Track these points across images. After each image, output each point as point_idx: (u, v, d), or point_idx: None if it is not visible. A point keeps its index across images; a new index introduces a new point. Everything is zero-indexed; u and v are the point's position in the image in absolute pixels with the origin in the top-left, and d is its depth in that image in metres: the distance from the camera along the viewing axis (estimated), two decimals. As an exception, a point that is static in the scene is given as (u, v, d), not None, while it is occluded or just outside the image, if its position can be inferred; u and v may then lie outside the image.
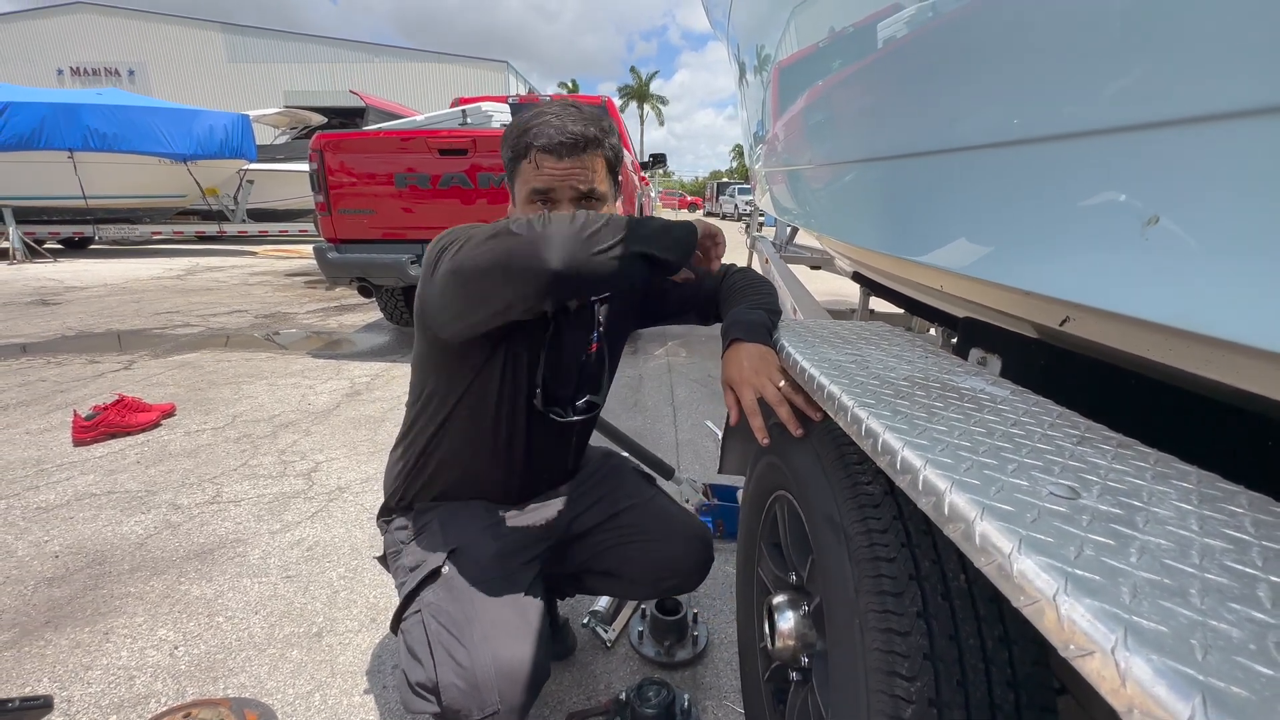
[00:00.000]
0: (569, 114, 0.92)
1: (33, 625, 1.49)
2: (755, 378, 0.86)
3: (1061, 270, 0.63)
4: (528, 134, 0.91)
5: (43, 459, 2.41)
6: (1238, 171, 0.42)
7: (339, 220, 3.64)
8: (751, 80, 2.48)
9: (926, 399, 0.66)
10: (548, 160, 0.90)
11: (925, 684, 0.59)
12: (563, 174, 0.90)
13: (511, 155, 0.94)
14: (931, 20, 0.84)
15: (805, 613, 0.90)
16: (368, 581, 1.68)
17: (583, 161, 0.91)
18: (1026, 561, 0.36)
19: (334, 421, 2.88)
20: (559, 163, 0.90)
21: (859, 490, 0.72)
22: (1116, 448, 0.54)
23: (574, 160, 0.90)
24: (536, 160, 0.90)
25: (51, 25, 30.35)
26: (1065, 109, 0.59)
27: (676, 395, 3.34)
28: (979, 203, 0.78)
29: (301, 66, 30.88)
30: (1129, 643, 0.29)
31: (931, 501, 0.46)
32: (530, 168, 0.91)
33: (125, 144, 8.55)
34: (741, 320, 0.95)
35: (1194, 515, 0.42)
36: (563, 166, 0.90)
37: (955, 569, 0.65)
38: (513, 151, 0.93)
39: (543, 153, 0.89)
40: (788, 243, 4.25)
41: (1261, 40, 0.39)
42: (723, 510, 1.89)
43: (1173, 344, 0.57)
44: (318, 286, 6.86)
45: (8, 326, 4.65)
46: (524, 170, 0.92)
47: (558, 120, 0.90)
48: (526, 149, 0.91)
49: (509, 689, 0.87)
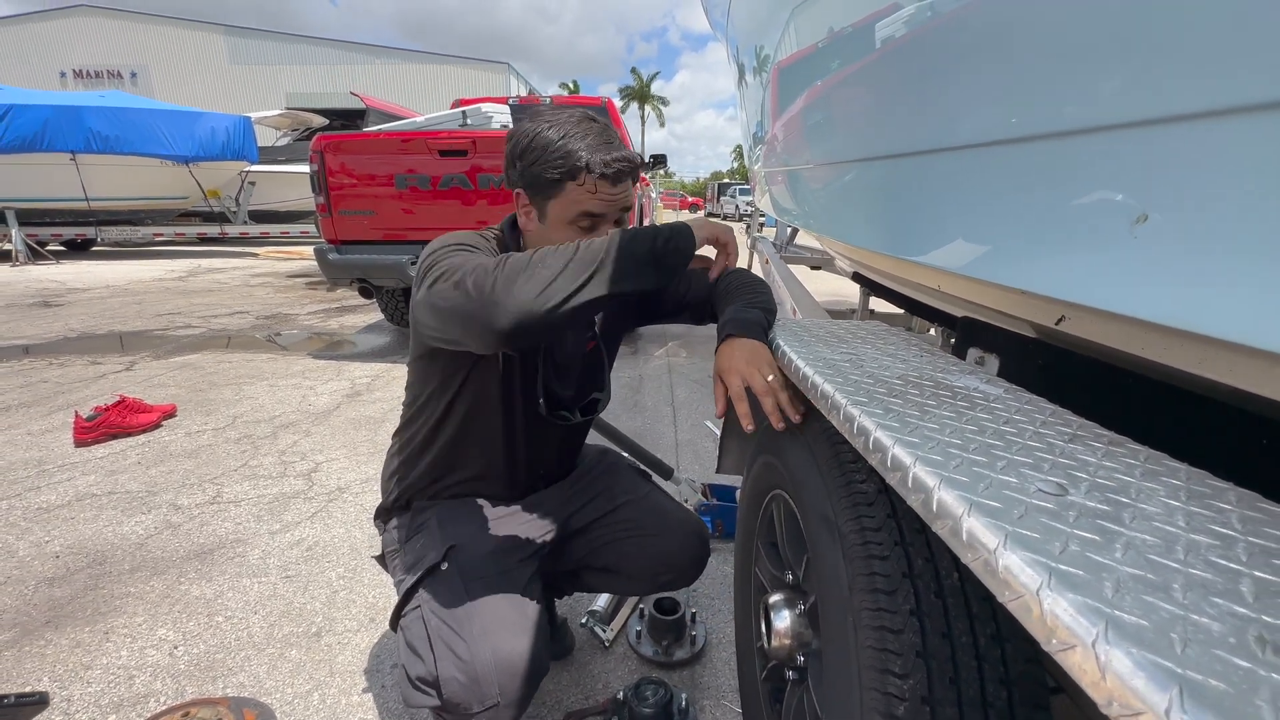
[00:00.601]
0: (605, 138, 0.93)
1: (33, 625, 1.50)
2: (745, 368, 0.87)
3: (1055, 269, 0.63)
4: (574, 156, 0.90)
5: (44, 459, 2.41)
6: (1225, 169, 0.43)
7: (339, 221, 3.65)
8: (751, 81, 2.48)
9: (919, 397, 0.67)
10: (605, 186, 0.92)
11: (918, 681, 0.59)
12: (615, 198, 0.94)
13: (557, 175, 0.91)
14: (927, 21, 0.84)
15: (801, 611, 0.90)
16: (367, 581, 1.69)
17: (627, 185, 0.96)
18: (1011, 557, 0.36)
19: (334, 422, 2.89)
20: (614, 189, 0.93)
21: (853, 488, 0.72)
22: (1107, 445, 0.55)
23: (624, 185, 0.95)
24: (594, 186, 0.91)
25: (54, 28, 30.46)
26: (1056, 107, 0.60)
27: (676, 396, 3.34)
28: (974, 202, 0.79)
29: (303, 68, 30.96)
30: (1109, 636, 0.29)
31: (920, 498, 0.46)
32: (583, 192, 0.92)
33: (127, 146, 8.57)
34: (736, 317, 0.96)
35: (1181, 512, 0.42)
36: (616, 192, 0.94)
37: (948, 567, 0.65)
38: (559, 171, 0.91)
39: (602, 179, 0.91)
40: (788, 243, 4.26)
41: (1250, 37, 0.39)
42: (721, 510, 1.89)
43: (1167, 342, 0.57)
44: (319, 287, 6.87)
45: (10, 328, 4.67)
46: (572, 192, 0.92)
47: (603, 147, 0.92)
48: (576, 172, 0.90)
49: (508, 682, 0.88)
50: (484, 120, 4.00)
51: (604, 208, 0.93)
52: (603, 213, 0.94)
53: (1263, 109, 0.39)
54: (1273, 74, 0.37)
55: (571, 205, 0.93)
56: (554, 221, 0.95)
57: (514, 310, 0.75)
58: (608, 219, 0.95)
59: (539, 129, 0.92)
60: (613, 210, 0.95)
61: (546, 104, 5.35)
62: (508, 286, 0.76)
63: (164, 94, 24.82)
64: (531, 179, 0.94)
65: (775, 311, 1.05)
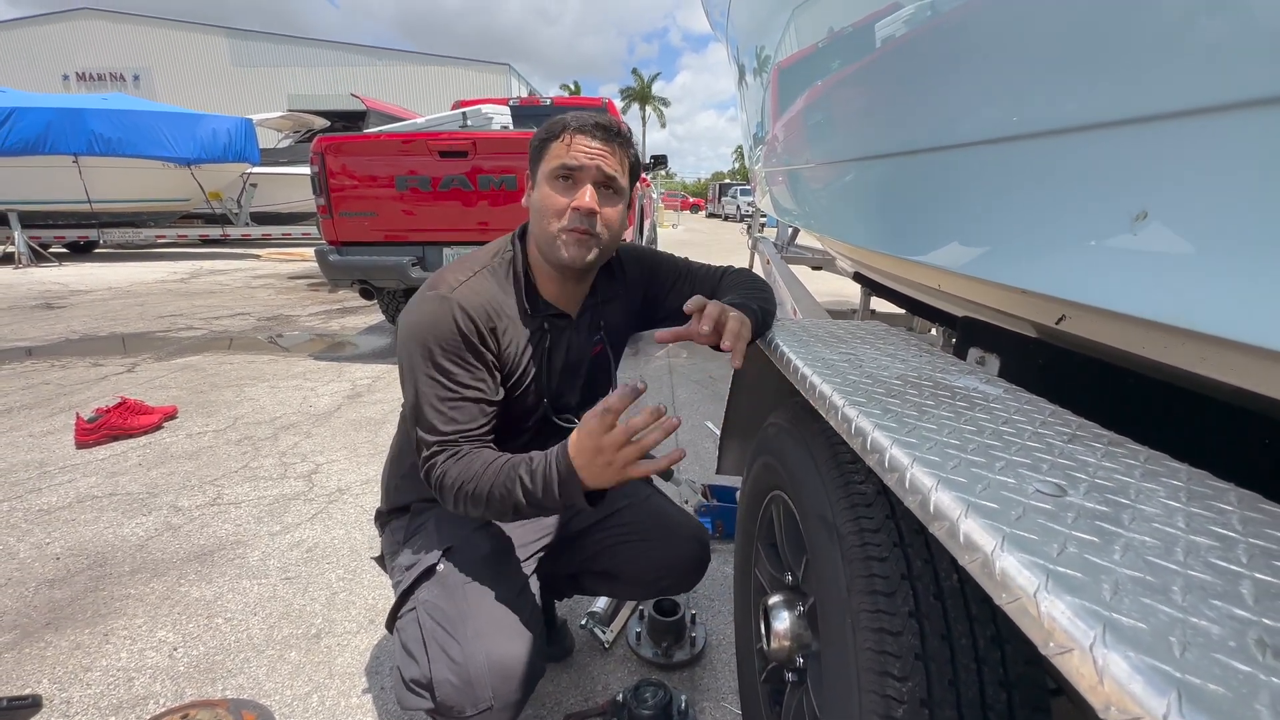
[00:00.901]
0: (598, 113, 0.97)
1: (33, 627, 1.50)
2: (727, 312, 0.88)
3: (1055, 268, 0.63)
4: (560, 121, 0.95)
5: (45, 461, 2.42)
6: (1223, 166, 0.42)
7: (340, 223, 3.65)
8: (751, 81, 2.48)
9: (918, 397, 0.66)
10: (581, 138, 0.93)
11: (917, 684, 0.59)
12: (593, 154, 0.94)
13: (541, 140, 0.97)
14: (926, 20, 0.84)
15: (800, 613, 0.90)
16: (366, 583, 1.68)
17: (611, 149, 0.95)
18: (1009, 559, 0.36)
19: (335, 423, 2.89)
20: (591, 142, 0.93)
21: (851, 489, 0.72)
22: (1107, 445, 0.54)
23: (605, 144, 0.94)
24: (569, 139, 0.93)
25: (57, 31, 30.58)
26: (1055, 105, 0.59)
27: (678, 396, 3.34)
28: (974, 201, 0.78)
29: (304, 70, 31.04)
30: (1107, 640, 0.29)
31: (918, 499, 0.46)
32: (561, 146, 0.94)
33: (130, 148, 8.58)
34: (736, 302, 0.96)
35: (1181, 512, 0.42)
36: (595, 147, 0.94)
37: (947, 568, 0.64)
38: (543, 135, 0.96)
39: (578, 132, 0.93)
40: (789, 243, 4.25)
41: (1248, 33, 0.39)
42: (722, 511, 1.88)
43: (1167, 341, 0.57)
44: (320, 289, 6.88)
45: (13, 330, 4.68)
46: (553, 150, 0.95)
47: (588, 114, 0.96)
48: (560, 130, 0.94)
49: (502, 685, 0.87)
50: (484, 121, 4.00)
51: (580, 160, 0.93)
52: (579, 165, 0.93)
53: (1260, 105, 0.39)
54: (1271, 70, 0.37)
55: (552, 160, 0.95)
56: (540, 183, 0.96)
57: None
58: (584, 179, 0.94)
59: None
60: (590, 168, 0.93)
61: (547, 105, 5.36)
62: (456, 502, 0.90)
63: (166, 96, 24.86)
64: (530, 155, 0.99)
65: (774, 312, 1.05)
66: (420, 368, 0.92)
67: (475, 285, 0.97)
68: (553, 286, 1.03)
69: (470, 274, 0.98)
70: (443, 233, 3.63)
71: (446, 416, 0.92)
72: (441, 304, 0.93)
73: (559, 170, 0.94)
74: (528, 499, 0.85)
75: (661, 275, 1.18)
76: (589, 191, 0.94)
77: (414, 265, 3.61)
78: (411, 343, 0.93)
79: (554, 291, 1.03)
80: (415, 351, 0.92)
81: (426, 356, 0.92)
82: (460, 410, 0.92)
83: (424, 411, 0.92)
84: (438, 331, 0.92)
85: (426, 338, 0.92)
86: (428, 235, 3.64)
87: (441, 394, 0.92)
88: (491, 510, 0.88)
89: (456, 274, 0.98)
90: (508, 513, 0.88)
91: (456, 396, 0.92)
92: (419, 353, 0.92)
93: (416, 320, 0.94)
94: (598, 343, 1.12)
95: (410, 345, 0.93)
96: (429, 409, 0.92)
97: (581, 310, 1.08)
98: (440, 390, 0.92)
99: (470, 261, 1.02)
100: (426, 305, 0.94)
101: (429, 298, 0.95)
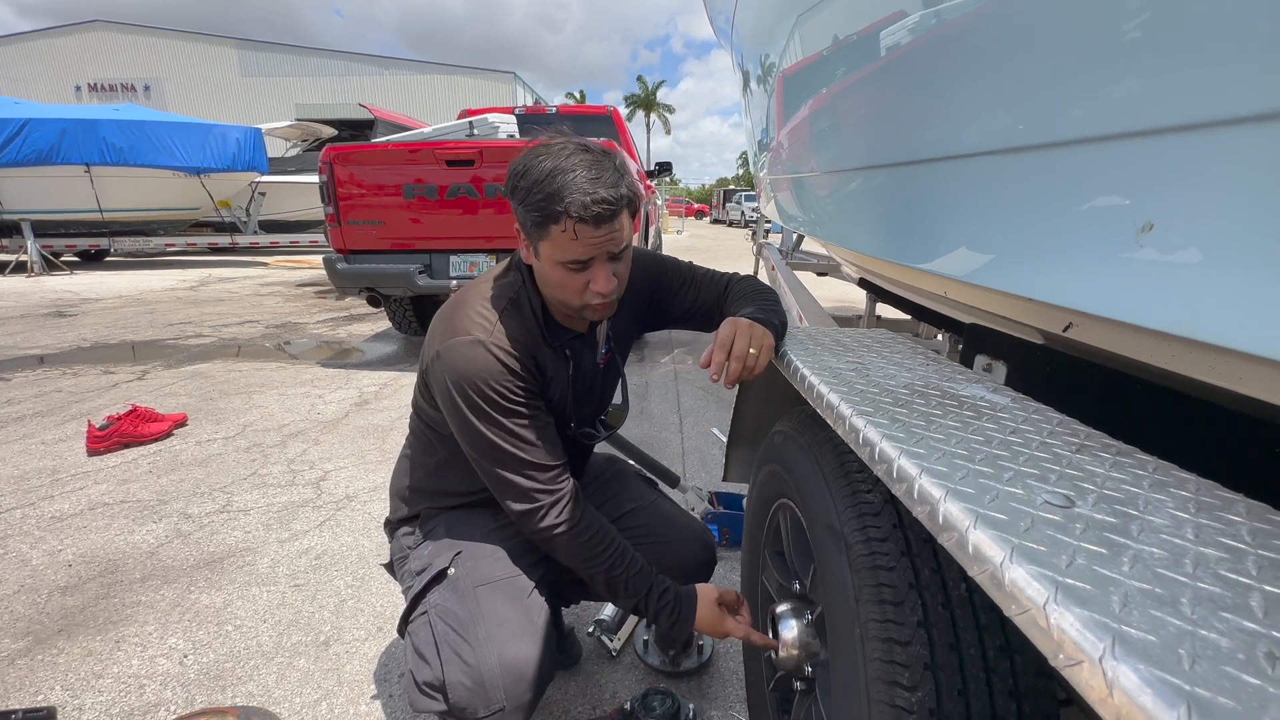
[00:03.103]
0: (594, 174, 0.87)
1: (46, 633, 1.51)
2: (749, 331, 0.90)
3: (1061, 277, 0.63)
4: (556, 199, 0.85)
5: (58, 469, 2.44)
6: (1231, 177, 0.42)
7: (348, 231, 3.68)
8: (755, 88, 2.49)
9: (925, 407, 0.66)
10: (586, 230, 0.86)
11: (926, 694, 0.59)
12: (600, 241, 0.88)
13: (539, 217, 0.88)
14: (932, 29, 0.85)
15: (808, 621, 0.90)
16: (375, 590, 1.69)
17: (615, 225, 0.89)
18: (1018, 570, 0.36)
19: (342, 430, 2.91)
20: (596, 231, 0.87)
21: (859, 498, 0.72)
22: (1115, 455, 0.54)
23: (609, 226, 0.88)
24: (575, 231, 0.86)
25: (70, 43, 31.03)
26: (1062, 115, 0.60)
27: (683, 403, 3.34)
28: (980, 210, 0.79)
29: (313, 80, 31.35)
30: (1117, 652, 0.29)
31: (926, 510, 0.46)
32: (566, 237, 0.87)
33: (140, 158, 8.70)
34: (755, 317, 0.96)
35: (1190, 524, 0.42)
36: (600, 235, 0.88)
37: (956, 577, 0.64)
38: (540, 214, 0.87)
39: (581, 224, 0.86)
40: (794, 249, 4.26)
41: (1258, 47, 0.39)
42: (728, 518, 1.88)
43: (1175, 350, 0.57)
44: (328, 296, 6.93)
45: (26, 338, 4.73)
46: (556, 237, 0.88)
47: (589, 185, 0.86)
48: (558, 216, 0.86)
49: (514, 687, 0.88)
50: (490, 130, 4.03)
51: (588, 252, 0.88)
52: (588, 257, 0.89)
53: (1268, 118, 0.39)
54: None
55: (557, 250, 0.89)
56: (547, 262, 0.92)
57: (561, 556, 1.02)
58: (598, 260, 0.90)
59: (529, 164, 0.88)
60: (600, 254, 0.90)
61: (553, 113, 5.38)
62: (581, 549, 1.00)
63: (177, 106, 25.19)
64: (521, 218, 0.92)
65: (786, 323, 1.05)
66: (490, 417, 0.93)
67: (506, 323, 0.96)
68: (567, 316, 1.03)
69: (496, 312, 0.97)
70: (449, 241, 3.66)
71: (546, 450, 0.97)
72: (486, 348, 0.92)
73: (571, 262, 0.90)
74: (644, 601, 1.01)
75: (667, 281, 1.18)
76: (604, 273, 0.90)
77: (420, 273, 3.64)
78: (470, 392, 0.92)
79: (569, 319, 1.04)
80: (478, 403, 0.92)
81: (493, 403, 0.93)
82: (544, 442, 0.97)
83: (518, 453, 0.95)
84: (493, 375, 0.92)
85: (486, 384, 0.92)
86: (434, 243, 3.67)
87: (530, 435, 0.96)
88: (603, 574, 1.00)
89: (482, 312, 0.96)
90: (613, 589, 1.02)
91: (531, 432, 0.96)
92: (483, 404, 0.93)
93: (466, 370, 0.92)
94: (607, 352, 1.12)
95: (469, 394, 0.92)
96: (525, 448, 0.95)
97: (592, 324, 1.09)
98: (528, 432, 0.95)
99: (480, 297, 0.99)
100: (470, 351, 0.92)
101: (470, 343, 0.93)
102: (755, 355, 0.87)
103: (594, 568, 0.99)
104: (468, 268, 3.65)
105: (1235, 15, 0.41)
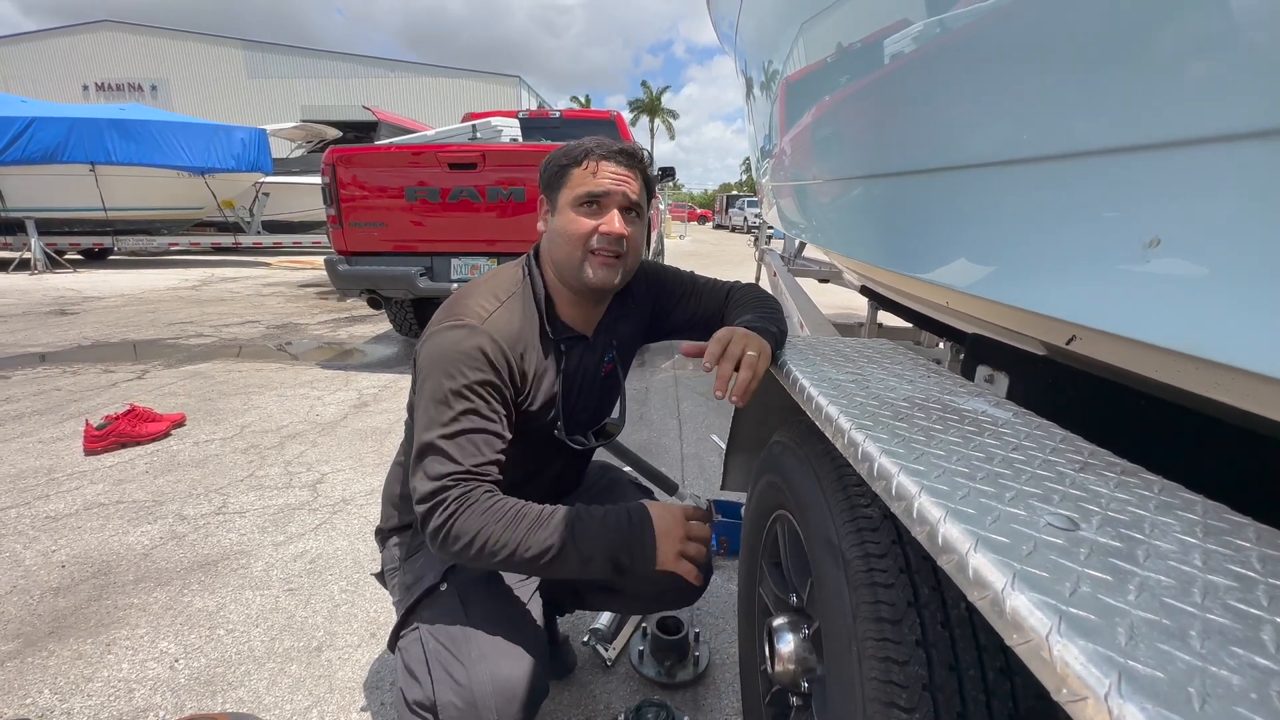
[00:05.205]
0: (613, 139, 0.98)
1: (37, 635, 1.50)
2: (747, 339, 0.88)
3: (1065, 291, 0.62)
4: (580, 146, 0.96)
5: (54, 468, 2.43)
6: (1239, 193, 0.41)
7: (350, 233, 3.68)
8: (759, 95, 2.48)
9: (926, 421, 0.65)
10: (606, 164, 0.94)
11: (924, 716, 0.57)
12: (619, 179, 0.95)
13: (561, 165, 0.97)
14: (936, 38, 0.84)
15: (805, 636, 0.88)
16: (368, 596, 1.68)
17: (634, 174, 0.97)
18: (1020, 598, 0.35)
19: (340, 433, 2.89)
20: (617, 168, 0.95)
21: (857, 513, 0.71)
22: (1120, 475, 0.53)
23: (629, 169, 0.96)
24: (595, 166, 0.94)
25: (77, 42, 31.22)
26: (1068, 127, 0.58)
27: (682, 409, 3.32)
28: (984, 221, 0.78)
29: (318, 82, 31.48)
30: (1123, 689, 0.28)
31: (925, 531, 0.44)
32: (585, 174, 0.95)
33: (145, 158, 8.73)
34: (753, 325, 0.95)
35: (1198, 549, 0.41)
36: (619, 172, 0.95)
37: (956, 596, 0.63)
38: (563, 160, 0.97)
39: (602, 159, 0.94)
40: (796, 256, 4.25)
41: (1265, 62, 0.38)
42: (727, 527, 1.87)
43: (1180, 365, 0.56)
44: (329, 297, 6.93)
45: (27, 335, 4.73)
46: (576, 176, 0.95)
47: (609, 141, 0.96)
48: (582, 157, 0.95)
49: (506, 707, 0.86)
50: (493, 134, 4.04)
51: (606, 186, 0.94)
52: (605, 192, 0.94)
53: (1276, 134, 0.38)
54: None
55: (576, 188, 0.95)
56: (562, 210, 0.96)
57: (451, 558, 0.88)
58: (610, 204, 0.95)
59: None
60: (616, 194, 0.95)
61: (556, 118, 5.39)
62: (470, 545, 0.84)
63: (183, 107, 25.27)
64: (546, 179, 0.99)
65: (787, 332, 1.04)
66: (444, 397, 0.88)
67: (504, 314, 0.96)
68: (571, 309, 1.03)
69: (498, 302, 0.96)
70: (451, 244, 3.65)
71: (466, 449, 0.87)
72: (473, 334, 0.91)
73: (585, 197, 0.94)
74: (581, 531, 0.87)
75: (669, 290, 1.17)
76: (617, 216, 0.95)
77: (422, 275, 3.64)
78: (438, 372, 0.89)
79: (572, 314, 1.04)
80: (442, 381, 0.89)
81: (454, 386, 0.88)
82: (484, 444, 0.89)
83: (438, 444, 0.87)
84: (470, 362, 0.89)
85: (458, 367, 0.89)
86: (436, 246, 3.67)
87: (465, 425, 0.88)
88: (521, 549, 0.84)
89: (483, 301, 0.96)
90: (539, 552, 0.85)
91: (479, 429, 0.89)
92: (446, 382, 0.88)
93: (446, 350, 0.90)
94: (609, 362, 1.11)
95: (436, 374, 0.89)
96: (446, 441, 0.87)
97: (596, 330, 1.08)
98: (466, 422, 0.88)
99: (491, 287, 0.99)
100: (456, 334, 0.91)
101: (459, 327, 0.91)
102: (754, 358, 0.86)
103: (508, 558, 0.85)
104: (469, 270, 3.65)
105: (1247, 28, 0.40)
